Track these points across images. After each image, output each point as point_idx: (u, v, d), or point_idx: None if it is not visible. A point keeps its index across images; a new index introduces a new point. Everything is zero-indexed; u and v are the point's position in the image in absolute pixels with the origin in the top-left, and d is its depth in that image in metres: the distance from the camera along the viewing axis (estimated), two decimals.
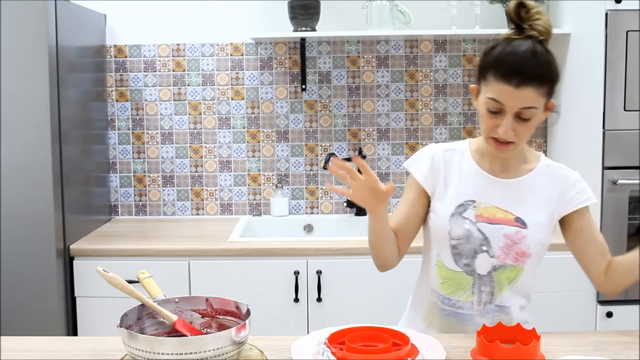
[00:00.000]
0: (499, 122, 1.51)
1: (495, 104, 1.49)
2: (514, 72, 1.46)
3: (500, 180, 1.64)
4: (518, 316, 1.67)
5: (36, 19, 2.52)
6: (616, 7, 2.58)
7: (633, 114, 2.63)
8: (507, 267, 1.61)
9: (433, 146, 1.73)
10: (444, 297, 1.66)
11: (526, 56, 1.48)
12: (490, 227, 1.60)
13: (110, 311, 2.50)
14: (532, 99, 1.48)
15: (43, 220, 2.59)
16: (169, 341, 1.31)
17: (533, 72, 1.47)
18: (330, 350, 1.35)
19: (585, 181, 1.68)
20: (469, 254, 1.61)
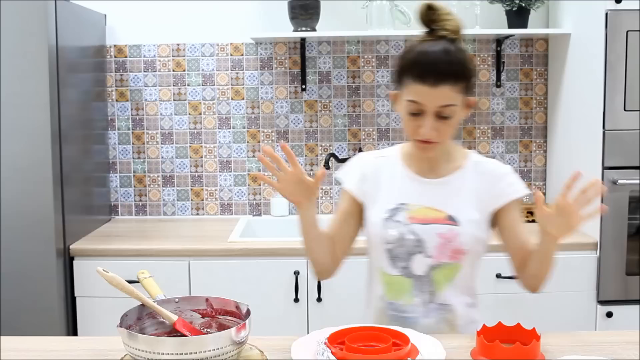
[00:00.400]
0: (421, 123, 1.53)
1: (414, 106, 1.52)
2: (428, 71, 1.49)
3: (430, 180, 1.65)
4: (463, 314, 1.66)
5: (36, 19, 2.52)
6: (616, 7, 2.58)
7: (633, 114, 2.63)
8: (444, 265, 1.62)
9: (363, 154, 1.74)
10: (388, 303, 1.66)
11: (439, 55, 1.51)
12: (423, 227, 1.61)
13: (110, 311, 2.50)
14: (449, 96, 1.50)
15: (43, 220, 2.59)
16: (169, 341, 1.31)
17: (447, 70, 1.49)
18: (330, 350, 1.35)
19: (516, 175, 1.69)
20: (404, 256, 1.62)
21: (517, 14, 3.03)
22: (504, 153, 3.30)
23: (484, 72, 3.25)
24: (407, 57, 1.55)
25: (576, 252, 2.71)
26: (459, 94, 1.52)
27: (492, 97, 3.27)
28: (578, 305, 2.72)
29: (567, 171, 3.04)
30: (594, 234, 2.73)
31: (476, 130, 3.28)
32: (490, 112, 3.28)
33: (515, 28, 3.03)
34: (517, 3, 2.99)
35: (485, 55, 3.24)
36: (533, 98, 3.27)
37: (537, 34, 3.08)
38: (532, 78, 3.26)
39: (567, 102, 3.02)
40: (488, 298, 2.68)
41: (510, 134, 3.29)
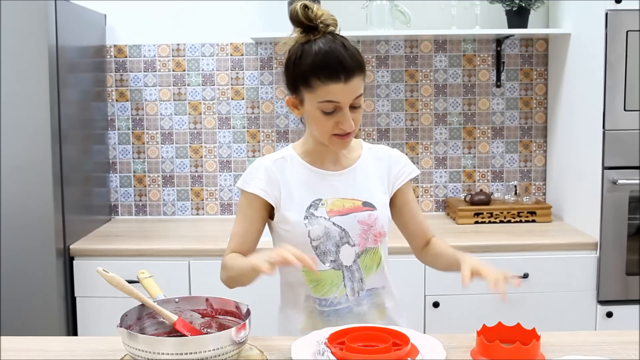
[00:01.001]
0: (339, 119, 1.55)
1: (330, 105, 1.53)
2: (338, 69, 1.51)
3: (337, 172, 1.68)
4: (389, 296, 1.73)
5: (36, 19, 2.52)
6: (616, 7, 2.58)
7: (633, 114, 2.63)
8: (369, 250, 1.66)
9: (261, 160, 1.71)
10: (320, 300, 1.66)
11: (341, 51, 1.53)
12: (343, 218, 1.64)
13: (110, 311, 2.50)
14: (359, 87, 1.55)
15: (43, 220, 2.59)
16: (169, 341, 1.31)
17: (354, 63, 1.53)
18: (330, 350, 1.35)
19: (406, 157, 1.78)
20: (332, 249, 1.64)
21: (517, 14, 3.03)
22: (504, 153, 3.30)
23: (484, 72, 3.25)
24: (307, 61, 1.53)
25: (576, 252, 2.71)
26: (363, 82, 1.57)
27: (492, 97, 3.27)
28: (578, 305, 2.72)
29: (567, 171, 3.04)
30: (594, 234, 2.73)
31: (476, 130, 3.28)
32: (490, 112, 3.28)
33: (515, 28, 3.03)
34: (517, 3, 2.99)
35: (485, 55, 3.24)
36: (533, 98, 3.27)
37: (537, 34, 3.08)
38: (532, 78, 3.26)
39: (567, 102, 3.02)
40: (488, 298, 2.68)
41: (510, 134, 3.29)
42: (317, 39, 1.56)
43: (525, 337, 1.46)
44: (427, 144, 3.27)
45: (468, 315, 2.68)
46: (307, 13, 1.55)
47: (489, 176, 3.32)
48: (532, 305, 2.70)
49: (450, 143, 3.29)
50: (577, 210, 2.94)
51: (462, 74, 3.25)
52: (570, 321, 2.69)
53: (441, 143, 3.29)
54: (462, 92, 3.26)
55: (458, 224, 3.02)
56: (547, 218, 3.05)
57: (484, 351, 1.41)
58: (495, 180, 3.32)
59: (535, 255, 2.71)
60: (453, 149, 3.29)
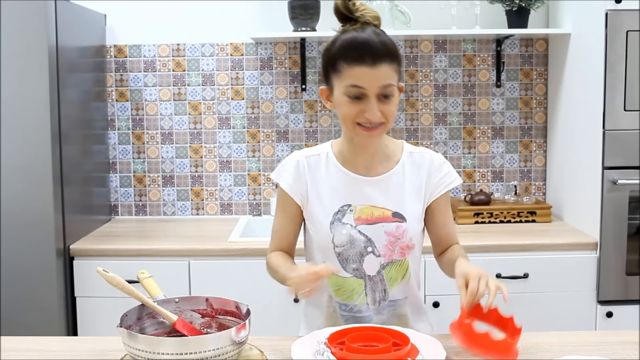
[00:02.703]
0: (364, 107, 1.49)
1: (356, 89, 1.48)
2: (365, 52, 1.46)
3: (370, 179, 1.63)
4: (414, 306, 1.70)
5: (36, 19, 2.52)
6: (616, 7, 2.58)
7: (633, 114, 2.63)
8: (395, 262, 1.62)
9: (296, 154, 1.68)
10: (340, 304, 1.65)
11: (372, 37, 1.49)
12: (371, 227, 1.60)
13: (110, 311, 2.50)
14: (388, 75, 1.48)
15: (43, 220, 2.59)
16: (169, 341, 1.31)
17: (383, 49, 1.48)
18: (330, 350, 1.35)
19: (449, 164, 1.70)
20: (355, 258, 1.61)
21: (517, 14, 3.03)
22: (504, 153, 3.30)
23: (484, 72, 3.25)
24: (336, 46, 1.51)
25: (576, 252, 2.71)
26: (395, 73, 1.50)
27: (492, 97, 3.27)
28: (578, 305, 2.72)
29: (567, 171, 3.04)
30: (594, 234, 2.73)
31: (476, 130, 3.28)
32: (490, 112, 3.28)
33: (515, 28, 3.03)
34: (517, 3, 2.99)
35: (485, 55, 3.24)
36: (533, 98, 3.27)
37: (537, 34, 3.08)
38: (532, 78, 3.26)
39: (567, 102, 3.02)
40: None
41: (510, 134, 3.29)
42: (353, 29, 1.52)
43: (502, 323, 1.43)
44: (427, 144, 3.27)
45: None
46: (347, 4, 1.53)
47: (489, 176, 3.32)
48: (532, 305, 2.70)
49: (450, 143, 3.29)
50: (577, 210, 2.94)
51: (462, 74, 3.25)
52: (570, 321, 2.69)
53: (441, 143, 3.29)
54: (462, 92, 3.26)
55: (458, 224, 3.02)
56: (547, 218, 3.05)
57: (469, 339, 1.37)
58: (495, 180, 3.32)
59: (535, 255, 2.71)
60: (453, 149, 3.29)
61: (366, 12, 1.54)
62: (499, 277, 2.68)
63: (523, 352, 1.48)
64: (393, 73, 1.50)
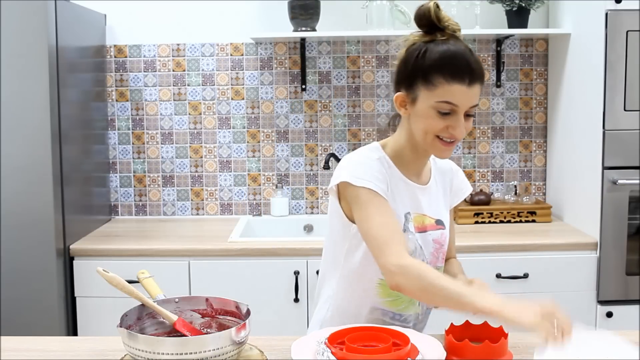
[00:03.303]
0: (450, 123, 1.47)
1: (449, 106, 1.46)
2: (465, 71, 1.45)
3: (420, 186, 1.62)
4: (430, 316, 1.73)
5: (36, 19, 2.52)
6: (616, 7, 2.58)
7: (633, 114, 2.63)
8: (439, 269, 1.64)
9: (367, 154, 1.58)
10: (394, 314, 1.63)
11: (468, 55, 1.47)
12: (423, 235, 1.60)
13: (110, 311, 2.50)
14: (478, 95, 1.49)
15: (43, 220, 2.59)
16: (169, 341, 1.31)
17: (478, 69, 1.48)
18: (330, 350, 1.35)
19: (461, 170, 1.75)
20: None
21: (517, 14, 3.03)
22: (504, 153, 3.30)
23: None
24: (432, 58, 1.47)
25: (576, 252, 2.71)
26: (481, 92, 1.51)
27: (492, 97, 3.27)
28: (578, 305, 2.71)
29: (567, 171, 3.04)
30: (594, 234, 2.73)
31: (476, 130, 3.28)
32: (490, 112, 3.27)
33: (515, 28, 3.03)
34: (517, 3, 2.99)
35: (485, 55, 3.24)
36: (533, 98, 3.27)
37: (537, 34, 3.08)
38: (532, 78, 3.26)
39: (567, 102, 3.02)
40: None
41: (510, 134, 3.29)
42: (445, 40, 1.49)
43: (493, 335, 1.45)
44: None
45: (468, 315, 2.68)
46: (438, 13, 1.50)
47: (489, 176, 3.32)
48: None
49: None
50: (577, 210, 2.94)
51: None
52: None
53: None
54: None
55: (458, 224, 3.02)
56: (547, 218, 3.05)
57: (453, 350, 1.40)
58: (495, 180, 3.32)
59: (535, 255, 2.71)
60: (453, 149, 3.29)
61: (451, 22, 1.51)
62: (499, 277, 2.68)
63: (523, 352, 1.48)
64: (480, 92, 1.50)
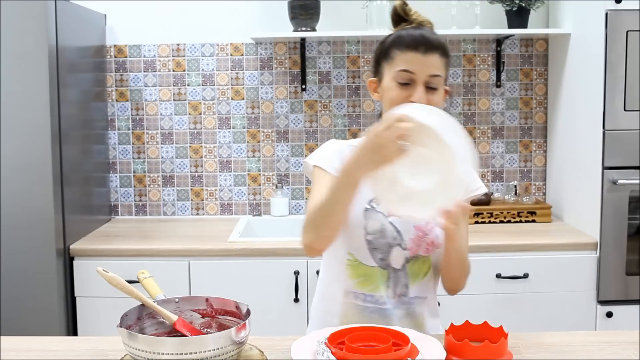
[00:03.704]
0: (411, 93, 1.54)
1: (405, 75, 1.53)
2: (419, 40, 1.54)
3: None
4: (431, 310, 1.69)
5: (36, 19, 2.52)
6: (616, 7, 2.58)
7: (633, 114, 2.63)
8: (419, 258, 1.63)
9: (335, 142, 1.70)
10: (365, 295, 1.64)
11: (427, 31, 1.58)
12: (402, 220, 1.61)
13: (110, 311, 2.50)
14: (438, 66, 1.54)
15: (43, 220, 2.59)
16: (169, 341, 1.31)
17: (436, 41, 1.55)
18: (330, 350, 1.35)
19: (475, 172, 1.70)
20: (384, 248, 1.62)
21: (517, 14, 3.03)
22: (504, 153, 3.30)
23: (484, 72, 3.25)
24: (391, 38, 1.59)
25: (576, 252, 2.71)
26: (444, 68, 1.56)
27: (492, 97, 3.27)
28: (578, 305, 2.72)
29: (567, 171, 3.04)
30: (594, 234, 2.73)
31: (476, 130, 3.28)
32: (490, 112, 3.28)
33: (515, 28, 3.03)
34: (517, 3, 2.99)
35: (485, 55, 3.24)
36: (533, 98, 3.27)
37: (537, 34, 3.08)
38: (532, 78, 3.26)
39: (567, 102, 3.02)
40: (488, 298, 2.68)
41: (510, 134, 3.29)
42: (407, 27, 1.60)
43: (493, 335, 1.45)
44: None
45: (468, 315, 2.67)
46: (405, 8, 1.62)
47: (489, 176, 3.32)
48: (532, 305, 2.70)
49: None
50: (577, 210, 2.94)
51: (462, 74, 3.25)
52: (570, 321, 2.69)
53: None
54: (462, 92, 3.26)
55: None
56: (547, 218, 3.05)
57: (453, 350, 1.40)
58: (495, 180, 3.32)
59: (535, 255, 2.71)
60: None
61: (419, 17, 1.62)
62: (499, 277, 2.68)
63: (523, 352, 1.49)
64: (442, 66, 1.55)
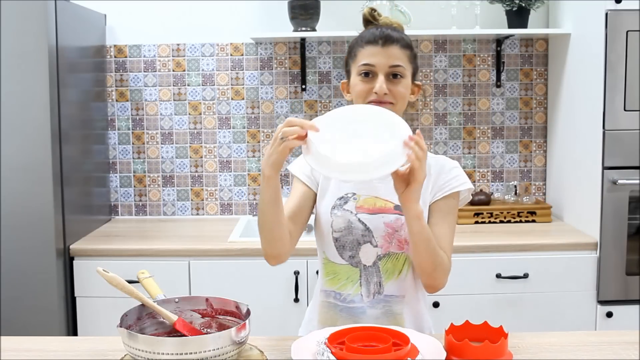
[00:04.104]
0: (373, 84, 1.57)
1: (366, 67, 1.58)
2: (378, 35, 1.59)
3: None
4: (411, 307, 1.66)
5: (36, 19, 2.52)
6: (616, 7, 2.58)
7: (633, 114, 2.63)
8: (392, 255, 1.62)
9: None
10: (335, 293, 1.65)
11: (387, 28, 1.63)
12: (371, 217, 1.62)
13: (110, 311, 2.50)
14: (398, 56, 1.58)
15: (43, 220, 2.59)
16: (169, 341, 1.31)
17: (396, 35, 1.60)
18: (330, 350, 1.35)
19: (462, 170, 1.70)
20: (352, 245, 1.62)
21: (517, 14, 3.03)
22: (504, 153, 3.30)
23: (484, 72, 3.25)
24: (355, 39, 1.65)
25: (576, 252, 2.71)
26: (407, 60, 1.60)
27: (492, 97, 3.27)
28: (578, 305, 2.72)
29: (567, 171, 3.04)
30: (594, 234, 2.73)
31: (476, 130, 3.28)
32: (490, 112, 3.28)
33: (515, 28, 3.03)
34: (517, 3, 2.99)
35: (485, 55, 3.24)
36: (533, 98, 3.27)
37: (537, 34, 3.08)
38: (532, 78, 3.26)
39: (567, 102, 3.02)
40: (488, 298, 2.68)
41: (510, 134, 3.29)
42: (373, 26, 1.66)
43: (493, 335, 1.45)
44: (427, 144, 3.27)
45: (468, 315, 2.67)
46: (373, 14, 1.68)
47: (489, 176, 3.32)
48: (532, 305, 2.70)
49: (450, 143, 3.29)
50: (577, 210, 2.94)
51: (462, 74, 3.25)
52: (570, 321, 2.69)
53: (441, 143, 3.29)
54: (462, 92, 3.26)
55: (458, 224, 3.01)
56: (547, 218, 3.05)
57: (453, 350, 1.40)
58: (495, 180, 3.32)
59: (535, 255, 2.71)
60: (453, 149, 3.29)
61: (388, 19, 1.68)
62: (499, 277, 2.68)
63: (523, 352, 1.49)
64: (404, 56, 1.59)
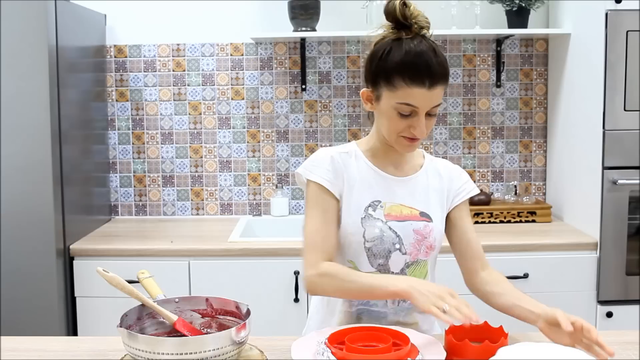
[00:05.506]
0: (412, 123, 1.52)
1: (408, 108, 1.51)
2: (425, 74, 1.48)
3: (398, 178, 1.65)
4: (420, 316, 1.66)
5: (36, 19, 2.52)
6: (616, 7, 2.58)
7: (633, 114, 2.63)
8: (420, 262, 1.63)
9: (326, 151, 1.66)
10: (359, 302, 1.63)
11: (430, 56, 1.49)
12: (400, 224, 1.61)
13: (110, 311, 2.50)
14: (439, 95, 1.52)
15: (43, 220, 2.59)
16: (169, 341, 1.31)
17: (440, 71, 1.50)
18: (330, 350, 1.35)
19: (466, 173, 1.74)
20: (383, 253, 1.61)
21: (517, 14, 3.03)
22: (504, 153, 3.30)
23: (484, 72, 3.25)
24: (395, 59, 1.51)
25: (576, 252, 2.71)
26: (444, 91, 1.55)
27: (492, 97, 3.27)
28: (578, 305, 2.71)
29: (567, 171, 3.04)
30: (594, 234, 2.73)
31: (476, 130, 3.28)
32: (490, 112, 3.28)
33: (515, 28, 3.03)
34: (517, 3, 2.99)
35: (485, 55, 3.24)
36: (533, 98, 3.27)
37: (537, 34, 3.08)
38: (532, 78, 3.26)
39: (567, 102, 3.02)
40: None
41: (510, 134, 3.29)
42: (409, 39, 1.52)
43: (493, 335, 1.45)
44: (427, 144, 3.27)
45: None
46: (404, 10, 1.53)
47: (489, 176, 3.32)
48: None
49: (450, 143, 3.29)
50: (577, 210, 2.94)
51: (462, 74, 3.25)
52: None
53: (441, 143, 3.29)
54: (462, 92, 3.26)
55: None
56: (547, 218, 3.05)
57: (453, 350, 1.40)
58: (495, 180, 3.32)
59: (535, 255, 2.71)
60: (453, 149, 3.29)
61: (420, 19, 1.54)
62: None
63: None
64: (442, 92, 1.53)
